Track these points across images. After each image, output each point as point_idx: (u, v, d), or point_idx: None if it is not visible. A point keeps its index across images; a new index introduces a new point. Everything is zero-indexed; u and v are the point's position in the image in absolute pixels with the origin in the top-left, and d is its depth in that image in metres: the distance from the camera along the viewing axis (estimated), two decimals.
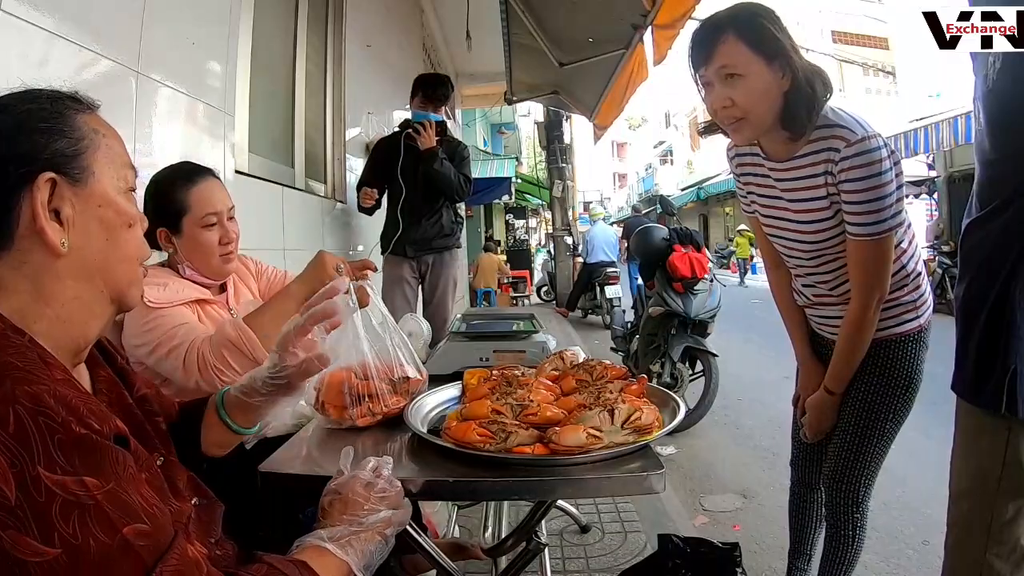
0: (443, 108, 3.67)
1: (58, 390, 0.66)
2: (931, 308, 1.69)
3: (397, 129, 3.69)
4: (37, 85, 0.79)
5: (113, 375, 0.91)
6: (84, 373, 0.85)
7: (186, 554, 0.69)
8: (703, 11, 1.65)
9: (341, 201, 3.76)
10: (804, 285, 1.77)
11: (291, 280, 1.63)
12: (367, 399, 1.29)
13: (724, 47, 1.45)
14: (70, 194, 0.75)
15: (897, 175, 1.47)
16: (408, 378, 1.38)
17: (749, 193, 1.77)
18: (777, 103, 1.48)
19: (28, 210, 0.72)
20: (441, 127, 3.59)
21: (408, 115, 3.74)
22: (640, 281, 5.46)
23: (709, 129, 1.66)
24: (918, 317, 1.64)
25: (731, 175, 1.85)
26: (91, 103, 0.82)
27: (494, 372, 1.46)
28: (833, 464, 1.73)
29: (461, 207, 3.92)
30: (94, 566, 0.62)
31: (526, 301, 13.71)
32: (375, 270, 1.66)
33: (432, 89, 3.61)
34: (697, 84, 1.56)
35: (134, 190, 0.85)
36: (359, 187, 3.61)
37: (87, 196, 0.76)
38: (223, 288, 1.73)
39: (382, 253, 3.68)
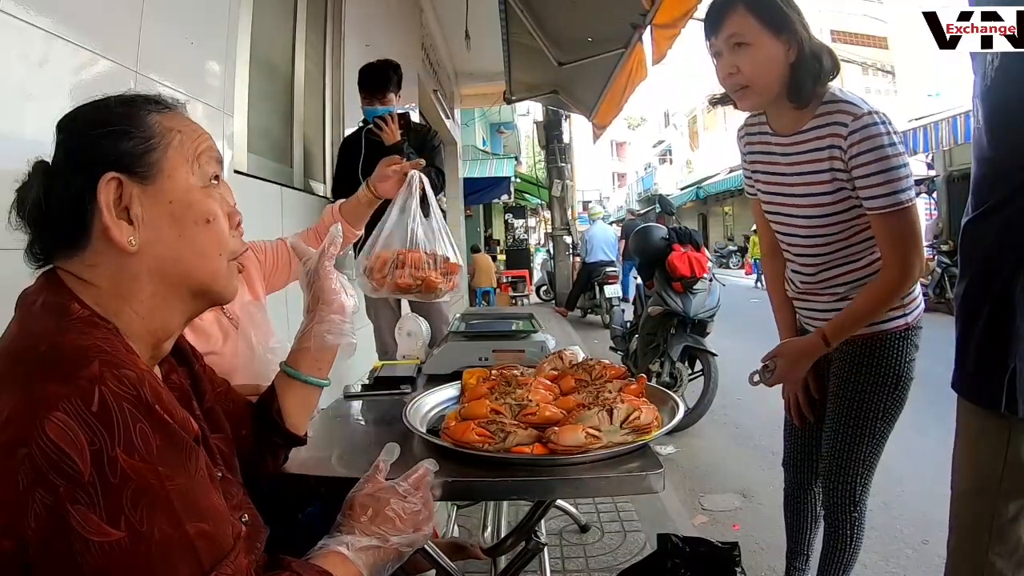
0: (391, 95, 3.27)
1: (146, 378, 0.67)
2: (921, 308, 1.69)
3: (361, 125, 3.40)
4: (118, 91, 0.82)
5: (185, 383, 0.92)
6: (157, 376, 0.85)
7: (240, 566, 0.70)
8: (703, 11, 1.68)
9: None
10: (793, 271, 1.79)
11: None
12: (410, 266, 1.56)
13: (734, 17, 1.53)
14: (139, 192, 0.76)
15: (901, 153, 1.49)
16: (448, 259, 1.61)
17: (754, 172, 1.80)
18: (783, 74, 1.54)
19: (97, 211, 0.73)
20: (404, 119, 3.25)
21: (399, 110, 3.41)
22: (638, 280, 5.45)
23: (721, 100, 1.73)
24: (905, 316, 1.64)
25: (730, 173, 1.88)
26: (171, 103, 0.83)
27: (493, 372, 1.46)
28: (828, 464, 1.74)
29: (442, 202, 3.74)
30: (154, 556, 0.63)
31: (525, 301, 13.71)
32: (422, 166, 1.79)
33: (368, 81, 3.27)
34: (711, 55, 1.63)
35: (218, 177, 0.85)
36: (333, 194, 3.41)
37: (156, 193, 0.77)
38: None
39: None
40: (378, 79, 3.28)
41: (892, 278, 1.55)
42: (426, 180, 1.63)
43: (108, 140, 0.75)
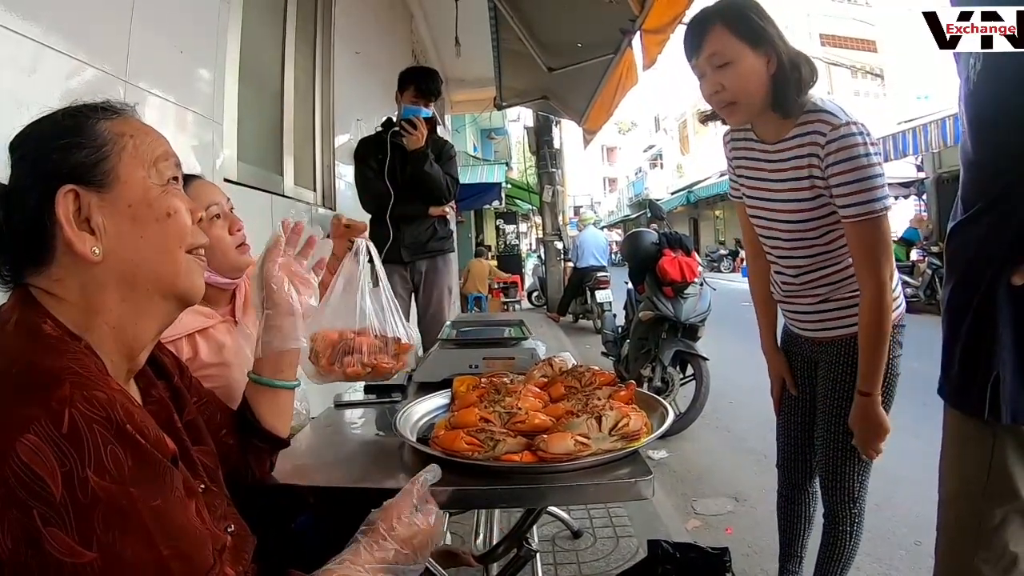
0: (432, 103, 3.40)
1: (117, 398, 0.67)
2: (902, 308, 1.71)
3: (380, 129, 3.44)
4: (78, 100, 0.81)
5: (166, 396, 0.92)
6: (135, 392, 0.85)
7: None
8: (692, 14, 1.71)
9: (331, 208, 3.74)
10: (777, 272, 1.82)
11: None
12: (360, 352, 1.38)
13: (712, 37, 1.55)
14: (97, 201, 0.76)
15: (877, 163, 1.52)
16: (399, 340, 1.44)
17: (740, 176, 1.83)
18: (765, 85, 1.57)
19: (58, 225, 0.73)
20: (432, 124, 3.33)
21: (391, 115, 3.49)
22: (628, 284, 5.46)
23: (710, 117, 1.76)
24: None
25: (721, 177, 1.90)
26: (119, 107, 0.83)
27: (483, 379, 1.47)
28: (824, 464, 1.76)
29: (458, 213, 3.78)
30: None
31: (517, 306, 13.71)
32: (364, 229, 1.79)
33: (425, 82, 3.34)
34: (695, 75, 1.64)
35: (177, 179, 0.85)
36: (367, 197, 3.39)
37: (114, 200, 0.77)
38: (232, 298, 1.63)
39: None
40: (434, 84, 3.38)
41: (871, 297, 1.56)
42: (373, 249, 1.49)
43: (60, 154, 0.75)
